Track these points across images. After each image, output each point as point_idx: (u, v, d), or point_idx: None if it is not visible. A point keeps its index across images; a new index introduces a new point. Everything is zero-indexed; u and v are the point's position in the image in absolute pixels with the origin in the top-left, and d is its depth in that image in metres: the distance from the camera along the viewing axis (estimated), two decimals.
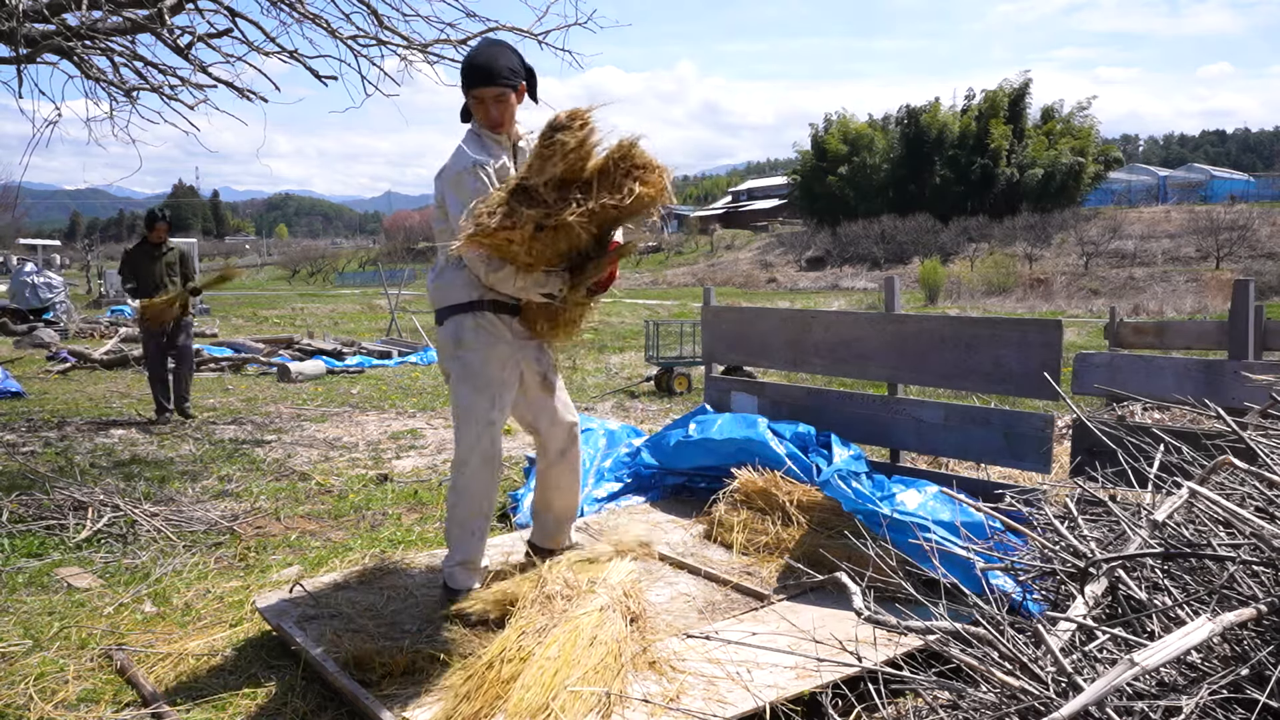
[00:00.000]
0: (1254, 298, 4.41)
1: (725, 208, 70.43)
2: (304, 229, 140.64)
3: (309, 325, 18.36)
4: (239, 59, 6.70)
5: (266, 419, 7.73)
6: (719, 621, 2.94)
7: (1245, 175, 56.69)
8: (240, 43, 6.54)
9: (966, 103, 44.89)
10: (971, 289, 28.38)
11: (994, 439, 3.85)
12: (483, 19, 6.71)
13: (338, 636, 2.82)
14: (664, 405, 8.46)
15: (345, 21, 6.66)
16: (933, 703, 1.82)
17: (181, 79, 6.58)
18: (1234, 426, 2.04)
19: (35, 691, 2.71)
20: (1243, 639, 1.64)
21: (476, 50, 2.98)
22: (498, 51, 2.96)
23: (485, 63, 2.90)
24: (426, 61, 6.73)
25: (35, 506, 4.63)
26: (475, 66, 2.90)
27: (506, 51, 2.98)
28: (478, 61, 2.90)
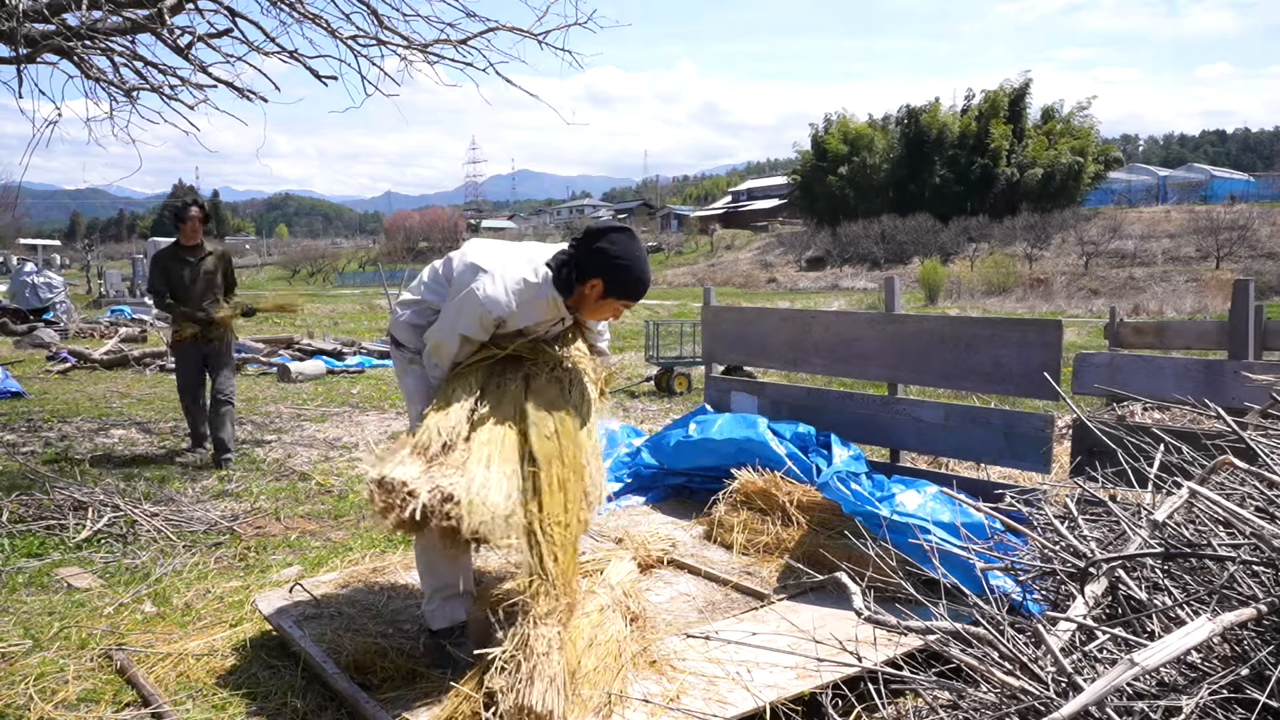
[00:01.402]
0: (1254, 298, 4.41)
1: (725, 208, 70.45)
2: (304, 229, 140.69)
3: (309, 325, 18.36)
4: (239, 59, 6.71)
5: (266, 419, 7.72)
6: (719, 621, 2.94)
7: (1245, 175, 56.70)
8: (240, 43, 6.55)
9: (966, 103, 44.94)
10: (971, 289, 28.38)
11: (994, 439, 3.85)
12: (483, 19, 6.71)
13: (338, 637, 2.82)
14: (664, 405, 8.46)
15: (345, 21, 6.66)
16: (933, 703, 1.82)
17: (181, 79, 6.58)
18: (1234, 426, 2.04)
19: (35, 691, 2.71)
20: (1243, 639, 1.64)
21: (645, 267, 2.66)
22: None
23: (649, 283, 2.70)
24: (426, 61, 6.73)
25: (35, 506, 4.63)
26: (646, 285, 2.67)
27: None
28: (646, 278, 2.66)
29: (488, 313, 2.61)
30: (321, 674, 2.66)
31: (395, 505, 2.34)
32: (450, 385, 2.72)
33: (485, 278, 2.60)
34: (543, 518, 2.45)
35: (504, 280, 2.61)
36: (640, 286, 2.65)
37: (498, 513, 2.38)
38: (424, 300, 2.82)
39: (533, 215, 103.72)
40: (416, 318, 2.82)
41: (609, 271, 2.59)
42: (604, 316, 2.82)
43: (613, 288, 2.61)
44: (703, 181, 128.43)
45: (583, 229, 2.67)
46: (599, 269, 2.59)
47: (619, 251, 2.58)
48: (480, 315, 2.62)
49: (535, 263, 2.66)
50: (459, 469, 2.45)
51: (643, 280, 2.64)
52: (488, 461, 2.50)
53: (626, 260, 2.58)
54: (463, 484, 2.39)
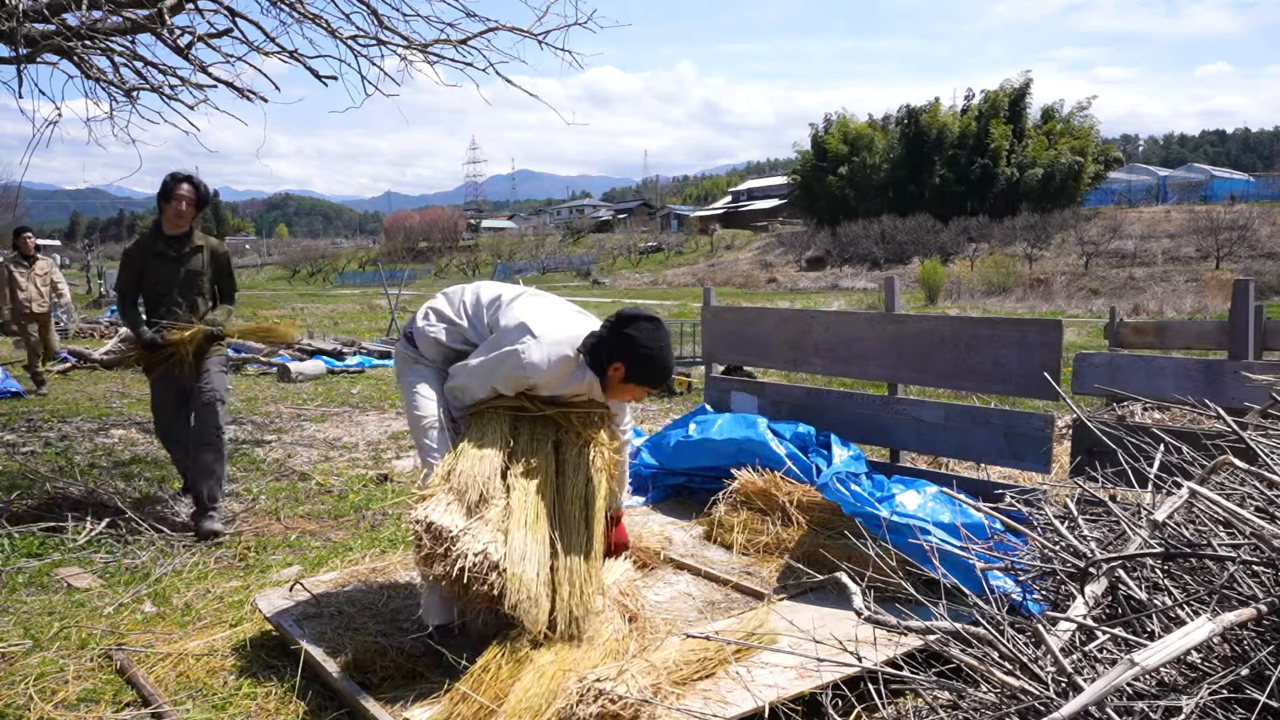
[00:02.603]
0: (1254, 298, 4.41)
1: (725, 208, 70.47)
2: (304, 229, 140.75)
3: (309, 325, 18.35)
4: (239, 59, 6.70)
5: (266, 419, 7.72)
6: (719, 621, 2.94)
7: (1245, 175, 56.71)
8: (240, 43, 6.55)
9: (966, 103, 44.96)
10: (971, 289, 28.38)
11: (994, 439, 3.85)
12: (483, 19, 6.71)
13: (338, 636, 2.82)
14: (664, 405, 8.46)
15: (345, 21, 6.66)
16: (933, 703, 1.82)
17: (181, 79, 6.58)
18: (1234, 426, 2.04)
19: (35, 691, 2.71)
20: (1243, 639, 1.64)
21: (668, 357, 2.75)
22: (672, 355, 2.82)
23: (672, 371, 2.80)
24: (426, 61, 6.73)
25: (35, 506, 4.63)
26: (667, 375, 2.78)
27: None
28: (670, 372, 2.78)
29: (526, 377, 2.73)
30: (322, 673, 2.66)
31: (439, 556, 2.44)
32: (481, 428, 2.79)
33: (531, 343, 2.70)
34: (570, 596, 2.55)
35: (548, 350, 2.71)
36: (661, 376, 2.76)
37: (532, 592, 2.46)
38: (460, 326, 2.90)
39: (533, 215, 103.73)
40: (448, 338, 2.91)
41: (634, 359, 2.69)
42: (625, 399, 2.88)
43: (634, 374, 2.71)
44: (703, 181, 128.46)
45: (616, 314, 2.76)
46: (624, 354, 2.69)
47: (645, 340, 2.68)
48: (518, 378, 2.74)
49: (577, 339, 2.75)
50: (501, 531, 2.53)
51: (665, 370, 2.74)
52: (526, 529, 2.57)
53: (651, 350, 2.69)
54: (505, 553, 2.47)
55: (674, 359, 2.81)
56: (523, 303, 2.86)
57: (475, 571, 2.41)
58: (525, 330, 2.72)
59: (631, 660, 2.42)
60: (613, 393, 2.82)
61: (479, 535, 2.47)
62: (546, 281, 48.02)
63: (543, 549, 2.57)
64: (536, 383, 2.77)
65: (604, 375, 2.75)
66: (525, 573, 2.46)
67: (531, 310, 2.82)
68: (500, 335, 2.78)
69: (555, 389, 2.82)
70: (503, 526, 2.54)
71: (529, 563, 2.49)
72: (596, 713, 2.17)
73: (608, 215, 76.70)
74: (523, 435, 2.82)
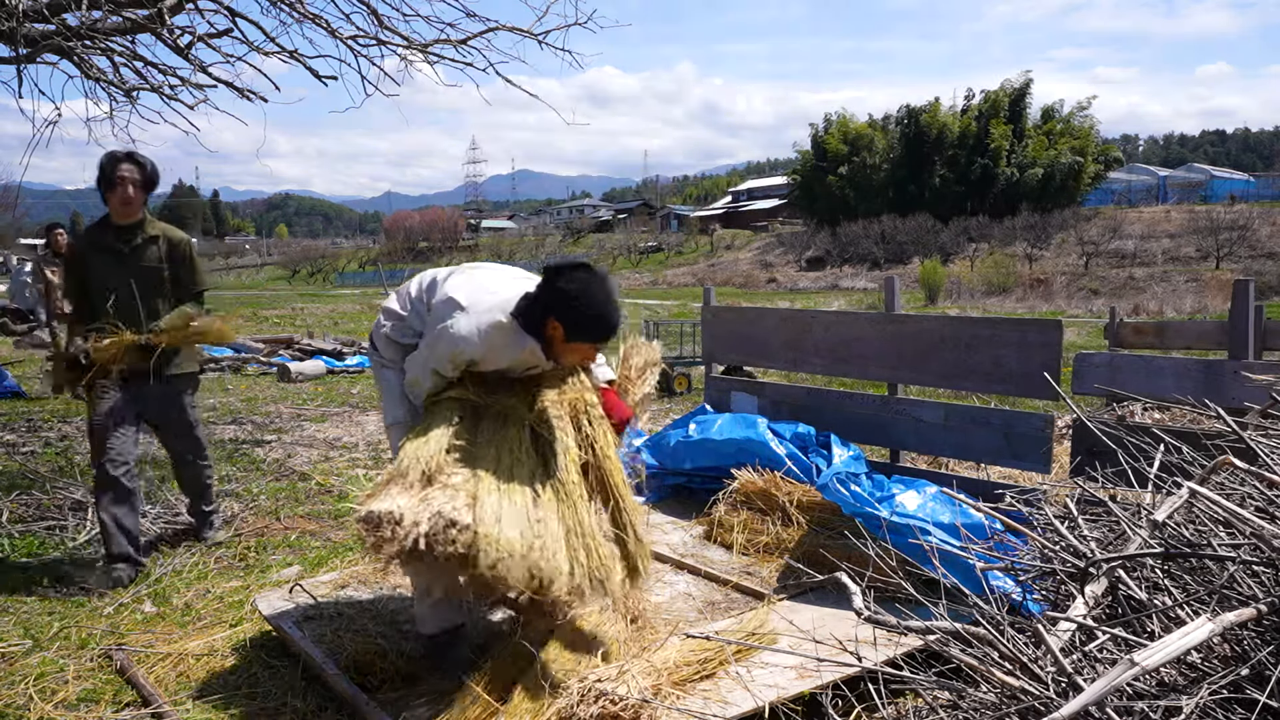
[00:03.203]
0: (1254, 298, 4.41)
1: (725, 208, 70.47)
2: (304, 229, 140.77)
3: (309, 325, 18.35)
4: (239, 59, 6.70)
5: (266, 419, 7.72)
6: (719, 621, 2.94)
7: (1245, 175, 56.71)
8: (240, 43, 6.54)
9: (966, 103, 44.95)
10: (971, 289, 28.37)
11: (994, 439, 3.85)
12: (483, 19, 6.71)
13: (338, 637, 2.82)
14: (664, 405, 8.46)
15: (345, 21, 6.66)
16: (933, 703, 1.82)
17: (181, 79, 6.57)
18: (1234, 426, 2.04)
19: (35, 691, 2.71)
20: (1243, 639, 1.64)
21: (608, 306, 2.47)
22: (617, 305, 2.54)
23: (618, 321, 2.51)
24: (426, 61, 6.73)
25: (35, 506, 4.63)
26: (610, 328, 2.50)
27: None
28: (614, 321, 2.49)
29: (460, 352, 2.51)
30: (322, 675, 2.66)
31: (386, 540, 2.19)
32: (429, 415, 2.60)
33: (459, 316, 2.50)
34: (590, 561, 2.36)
35: (477, 320, 2.49)
36: (600, 326, 2.46)
37: (515, 550, 2.22)
38: (407, 320, 2.72)
39: (533, 215, 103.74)
40: (396, 334, 2.74)
41: (566, 313, 2.43)
42: (574, 360, 2.63)
43: (574, 330, 2.45)
44: (703, 181, 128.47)
45: (544, 268, 2.51)
46: (558, 310, 2.44)
47: (576, 290, 2.42)
48: (452, 354, 2.53)
49: (509, 303, 2.51)
50: (468, 495, 2.30)
51: (602, 319, 2.45)
52: (500, 493, 2.34)
53: (583, 299, 2.42)
54: (475, 514, 2.24)
55: (617, 307, 2.49)
56: (455, 278, 2.66)
57: (435, 536, 2.17)
58: (454, 305, 2.53)
59: (632, 661, 2.42)
60: (559, 355, 2.55)
61: (432, 502, 2.25)
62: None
63: (525, 514, 2.34)
64: (474, 358, 2.53)
65: (543, 338, 2.50)
66: (503, 533, 2.22)
67: (461, 284, 2.61)
68: (434, 316, 2.59)
69: (499, 362, 2.59)
70: (470, 490, 2.32)
71: (506, 524, 2.25)
72: (597, 713, 2.17)
73: (608, 215, 76.69)
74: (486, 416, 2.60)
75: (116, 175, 3.82)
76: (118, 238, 3.91)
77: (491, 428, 2.56)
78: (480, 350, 2.51)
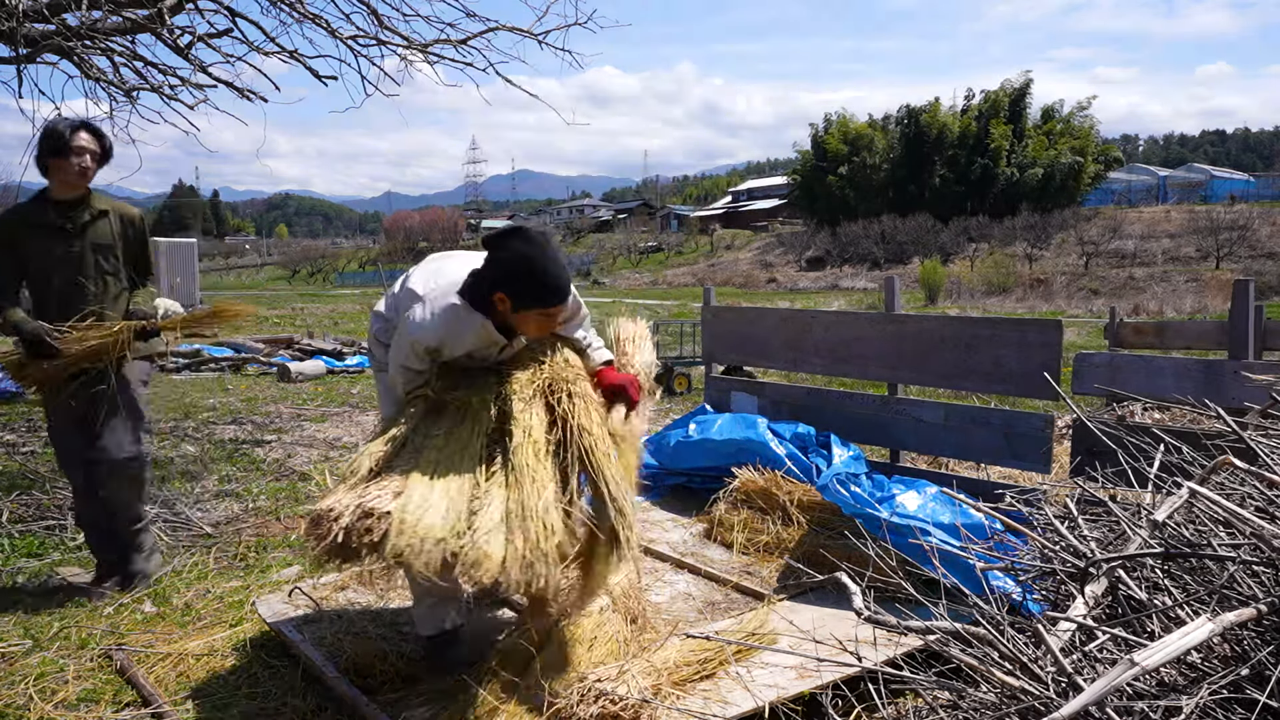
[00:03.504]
0: (1254, 298, 4.41)
1: (725, 208, 70.48)
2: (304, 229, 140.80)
3: (309, 325, 18.36)
4: (239, 59, 6.70)
5: (266, 419, 7.73)
6: (719, 621, 2.94)
7: (1245, 175, 56.70)
8: (240, 43, 6.54)
9: (966, 103, 44.98)
10: (971, 289, 28.38)
11: (994, 439, 3.85)
12: (483, 19, 6.71)
13: (338, 639, 2.82)
14: (664, 405, 8.46)
15: (345, 21, 6.66)
16: (933, 703, 1.82)
17: (181, 79, 6.57)
18: (1234, 426, 2.04)
19: (35, 691, 2.71)
20: (1243, 639, 1.64)
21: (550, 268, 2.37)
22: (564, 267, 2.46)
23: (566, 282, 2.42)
24: (426, 61, 6.73)
25: (35, 506, 4.63)
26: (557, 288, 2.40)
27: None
28: (559, 281, 2.40)
29: (418, 341, 2.46)
30: (321, 677, 2.65)
31: (321, 535, 2.15)
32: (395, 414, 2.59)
33: (417, 306, 2.47)
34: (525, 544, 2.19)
35: (431, 305, 2.44)
36: (546, 290, 2.37)
37: (430, 534, 2.13)
38: (391, 321, 2.70)
39: (533, 215, 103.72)
40: (383, 336, 2.72)
41: (509, 283, 2.35)
42: (533, 333, 2.54)
43: (521, 298, 2.37)
44: (703, 181, 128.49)
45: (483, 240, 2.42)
46: (499, 282, 2.36)
47: (515, 258, 2.34)
48: (412, 344, 2.47)
49: (458, 283, 2.45)
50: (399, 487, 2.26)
51: (547, 282, 2.35)
52: (431, 481, 2.29)
53: (523, 265, 2.33)
54: (394, 501, 2.19)
55: (562, 267, 2.39)
56: (417, 272, 2.64)
57: (353, 526, 2.13)
58: (412, 296, 2.50)
59: (632, 661, 2.42)
60: (517, 328, 2.48)
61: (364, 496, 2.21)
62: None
63: (457, 500, 2.26)
64: (433, 344, 2.46)
65: (494, 313, 2.42)
66: (423, 519, 2.15)
67: (420, 275, 2.59)
68: (400, 310, 2.57)
69: (460, 347, 2.51)
70: (402, 482, 2.28)
71: (430, 511, 2.19)
72: (596, 713, 2.17)
73: (608, 215, 76.70)
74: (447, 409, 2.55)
75: (73, 144, 3.38)
76: (60, 214, 3.43)
77: (450, 419, 2.52)
78: (438, 335, 2.45)
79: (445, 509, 2.22)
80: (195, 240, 26.13)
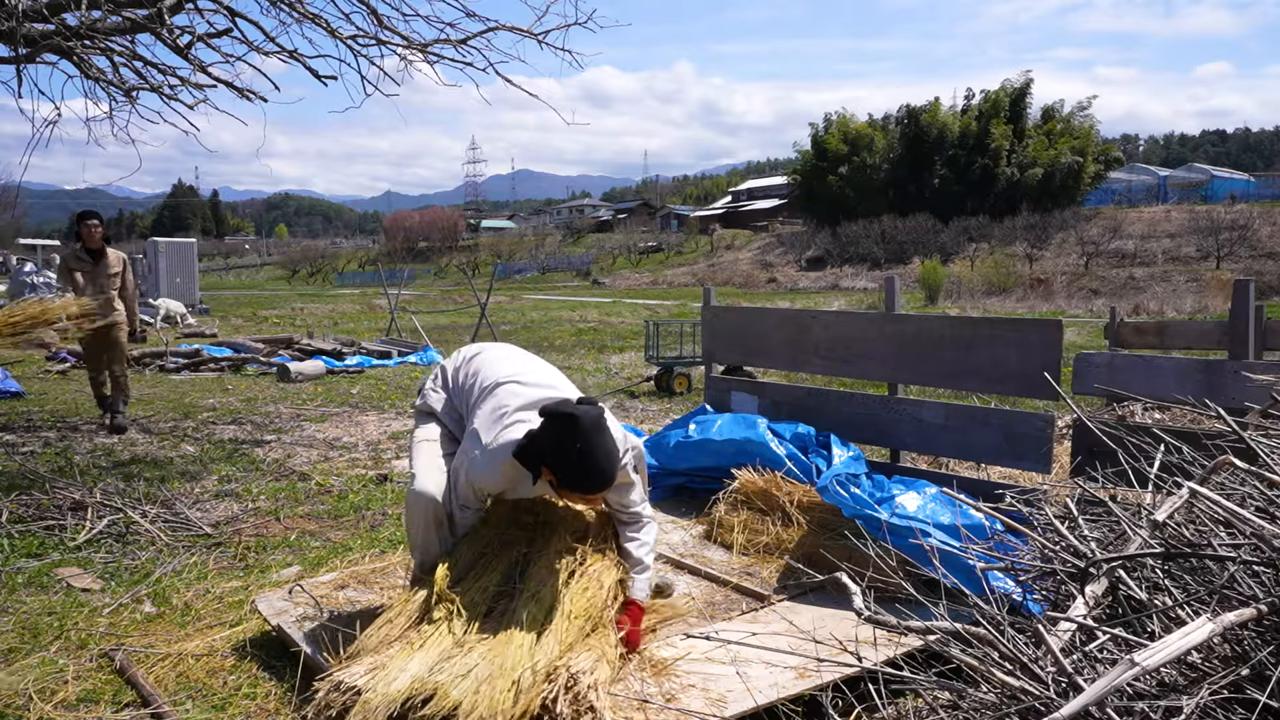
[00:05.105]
0: (1254, 298, 4.41)
1: (725, 208, 70.48)
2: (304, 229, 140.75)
3: (309, 325, 18.36)
4: (239, 59, 6.72)
5: (266, 419, 7.72)
6: (719, 621, 2.94)
7: (1246, 175, 56.69)
8: (240, 43, 6.55)
9: (966, 103, 44.99)
10: (971, 289, 28.38)
11: (994, 439, 3.85)
12: (483, 19, 6.72)
13: (338, 638, 2.81)
14: (664, 405, 8.46)
15: (345, 21, 6.66)
16: (933, 703, 1.82)
17: (181, 79, 6.58)
18: (1234, 426, 2.04)
19: (35, 691, 2.71)
20: (1243, 639, 1.64)
21: (594, 461, 2.47)
22: (610, 458, 2.54)
23: (609, 473, 2.53)
24: (426, 61, 6.74)
25: (35, 506, 4.62)
26: (599, 482, 2.52)
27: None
28: (602, 477, 2.51)
29: (479, 486, 2.70)
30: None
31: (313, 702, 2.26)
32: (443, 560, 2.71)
33: (478, 452, 2.64)
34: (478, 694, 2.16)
35: (491, 459, 2.61)
36: (588, 479, 2.49)
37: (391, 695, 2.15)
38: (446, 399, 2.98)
39: (533, 215, 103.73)
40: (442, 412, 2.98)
41: (555, 464, 2.50)
42: (578, 503, 2.76)
43: (563, 480, 2.53)
44: (703, 181, 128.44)
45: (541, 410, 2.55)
46: (549, 460, 2.50)
47: (564, 443, 2.46)
48: (474, 486, 2.71)
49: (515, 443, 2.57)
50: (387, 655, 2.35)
51: (591, 474, 2.47)
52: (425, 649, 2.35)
53: (570, 454, 2.46)
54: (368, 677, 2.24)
55: (609, 456, 2.50)
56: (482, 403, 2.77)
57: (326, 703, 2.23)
58: (475, 439, 2.67)
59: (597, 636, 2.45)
60: (563, 496, 2.67)
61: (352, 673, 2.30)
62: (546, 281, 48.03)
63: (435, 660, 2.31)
64: (493, 491, 2.75)
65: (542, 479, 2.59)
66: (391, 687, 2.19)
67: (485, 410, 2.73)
68: (464, 444, 2.76)
69: (521, 494, 2.77)
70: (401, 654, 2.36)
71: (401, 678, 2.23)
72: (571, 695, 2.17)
73: (608, 215, 76.70)
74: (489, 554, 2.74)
75: None
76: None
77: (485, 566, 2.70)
78: (497, 484, 2.71)
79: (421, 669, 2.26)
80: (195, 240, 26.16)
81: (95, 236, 6.83)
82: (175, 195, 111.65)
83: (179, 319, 18.16)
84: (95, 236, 6.83)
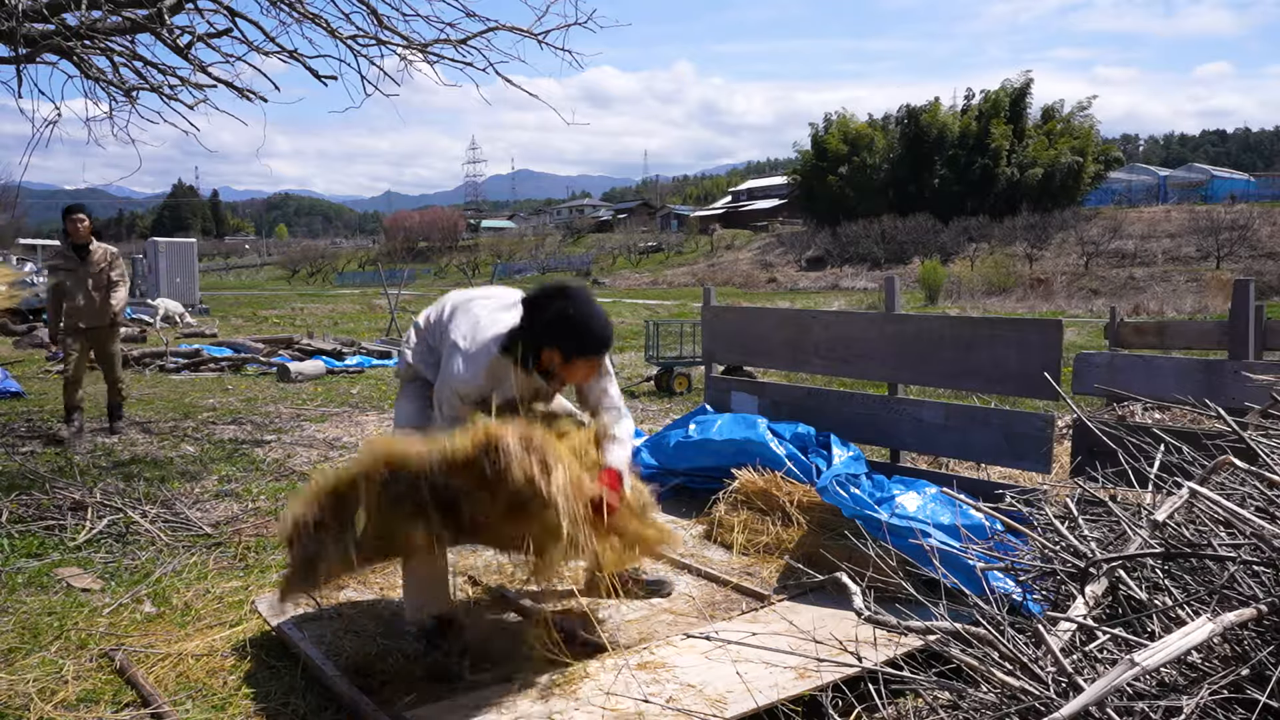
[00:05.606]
0: (1254, 298, 4.41)
1: (725, 208, 70.46)
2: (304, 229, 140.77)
3: (309, 325, 18.36)
4: (239, 59, 6.71)
5: (266, 419, 7.72)
6: (719, 621, 2.94)
7: (1246, 175, 56.68)
8: (240, 43, 6.55)
9: (966, 103, 44.98)
10: (971, 289, 28.38)
11: (994, 439, 3.85)
12: (483, 19, 6.71)
13: (338, 639, 2.82)
14: (664, 405, 8.46)
15: (345, 21, 6.66)
16: (933, 703, 1.82)
17: (181, 79, 6.58)
18: (1234, 426, 2.04)
19: (35, 691, 2.71)
20: (1243, 639, 1.64)
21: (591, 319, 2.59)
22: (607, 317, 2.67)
23: (610, 333, 2.64)
24: (426, 61, 6.73)
25: (35, 506, 4.62)
26: (604, 340, 2.64)
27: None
28: (606, 334, 2.63)
29: (463, 392, 2.67)
30: (321, 677, 2.65)
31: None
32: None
33: (458, 357, 2.67)
34: None
35: (473, 360, 2.64)
36: (597, 343, 2.60)
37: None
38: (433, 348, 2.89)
39: (533, 215, 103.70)
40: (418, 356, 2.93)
41: (560, 340, 2.56)
42: (579, 379, 2.77)
43: (572, 350, 2.59)
44: (703, 181, 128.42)
45: (523, 300, 2.62)
46: (547, 340, 2.57)
47: (561, 317, 2.54)
48: (456, 392, 2.67)
49: (500, 338, 2.64)
50: None
51: (598, 337, 2.58)
52: None
53: (573, 323, 2.55)
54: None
55: (605, 315, 2.63)
56: (458, 318, 2.80)
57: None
58: (455, 350, 2.69)
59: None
60: (563, 377, 2.71)
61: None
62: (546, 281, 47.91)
63: None
64: (479, 394, 2.68)
65: (541, 366, 2.63)
66: None
67: (461, 325, 2.76)
68: (443, 356, 2.77)
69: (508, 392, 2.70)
70: None
71: None
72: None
73: (608, 215, 76.68)
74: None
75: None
76: None
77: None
78: (481, 387, 2.67)
79: None
80: (195, 240, 26.15)
81: (80, 231, 6.53)
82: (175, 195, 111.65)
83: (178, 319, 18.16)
84: (80, 231, 6.53)
